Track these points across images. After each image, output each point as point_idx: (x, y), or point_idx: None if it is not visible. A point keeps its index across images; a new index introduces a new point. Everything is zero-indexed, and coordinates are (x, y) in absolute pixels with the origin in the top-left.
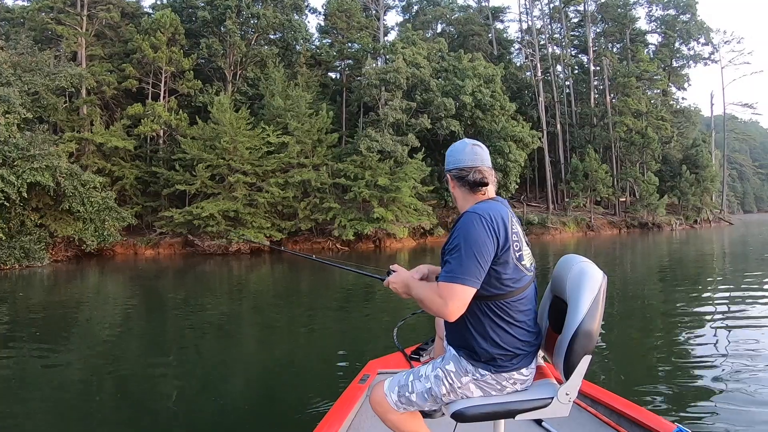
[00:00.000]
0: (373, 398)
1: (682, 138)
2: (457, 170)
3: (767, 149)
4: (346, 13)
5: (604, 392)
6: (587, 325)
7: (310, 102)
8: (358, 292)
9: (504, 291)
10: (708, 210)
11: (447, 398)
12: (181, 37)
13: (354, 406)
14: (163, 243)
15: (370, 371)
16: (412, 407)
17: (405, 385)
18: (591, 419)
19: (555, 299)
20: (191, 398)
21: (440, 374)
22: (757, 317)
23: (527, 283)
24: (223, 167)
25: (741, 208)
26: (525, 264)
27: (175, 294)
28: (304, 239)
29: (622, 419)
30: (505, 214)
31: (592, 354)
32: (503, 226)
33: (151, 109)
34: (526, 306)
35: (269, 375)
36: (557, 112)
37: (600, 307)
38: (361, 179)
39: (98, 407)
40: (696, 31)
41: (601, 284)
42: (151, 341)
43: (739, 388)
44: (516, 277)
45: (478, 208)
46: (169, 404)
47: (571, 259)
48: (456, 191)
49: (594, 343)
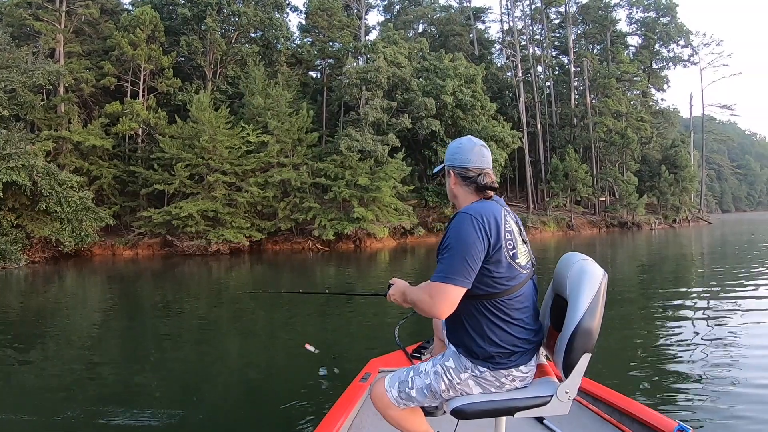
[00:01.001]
0: (374, 393)
1: (661, 139)
2: (462, 169)
3: (745, 150)
4: (328, 11)
5: (606, 390)
6: (587, 323)
7: (291, 101)
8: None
9: (498, 289)
10: (687, 209)
11: (446, 394)
12: (161, 35)
13: (355, 404)
14: (142, 244)
15: (371, 370)
16: (412, 403)
17: (405, 381)
18: (592, 417)
19: (556, 297)
20: (180, 401)
21: (439, 370)
22: (754, 312)
23: (523, 280)
24: (202, 167)
25: (719, 208)
26: (520, 262)
27: (159, 296)
28: (284, 239)
29: (624, 417)
30: (498, 213)
31: (592, 352)
32: (495, 225)
33: (129, 108)
34: (523, 303)
35: (257, 375)
36: (537, 113)
37: (600, 305)
38: (342, 179)
39: (76, 413)
40: (676, 33)
41: (602, 282)
42: (130, 345)
43: (741, 385)
44: (510, 275)
45: (471, 208)
46: (154, 407)
47: (572, 256)
48: (457, 189)
49: (594, 342)
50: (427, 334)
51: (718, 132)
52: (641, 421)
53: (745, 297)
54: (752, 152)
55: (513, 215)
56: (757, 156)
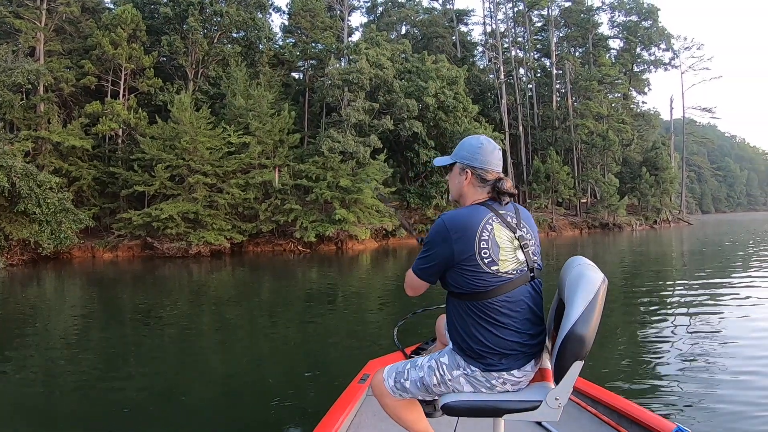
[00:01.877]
0: (373, 381)
1: (642, 141)
2: (482, 171)
3: (724, 152)
4: (311, 12)
5: (604, 391)
6: (579, 330)
7: (272, 102)
8: (320, 295)
9: (475, 290)
10: (667, 211)
11: (437, 389)
12: (142, 34)
13: (354, 405)
14: (122, 246)
15: (370, 371)
16: (406, 394)
17: (402, 371)
18: (591, 418)
19: (560, 302)
20: (164, 406)
21: (433, 365)
22: (751, 311)
23: (506, 285)
24: (182, 168)
25: (699, 209)
26: (500, 268)
27: (139, 300)
28: (265, 241)
29: (622, 419)
30: (476, 221)
31: (585, 360)
32: (465, 234)
33: (109, 108)
34: (511, 308)
35: (248, 378)
36: (519, 115)
37: (596, 312)
38: (323, 180)
39: (55, 418)
40: (657, 37)
41: (599, 288)
42: (109, 351)
43: (740, 386)
44: (487, 279)
45: (451, 215)
46: (138, 414)
47: (574, 261)
48: (468, 188)
49: (586, 349)
50: (426, 336)
51: (698, 134)
52: (639, 423)
53: (739, 297)
54: (732, 154)
55: (513, 219)
56: (737, 158)
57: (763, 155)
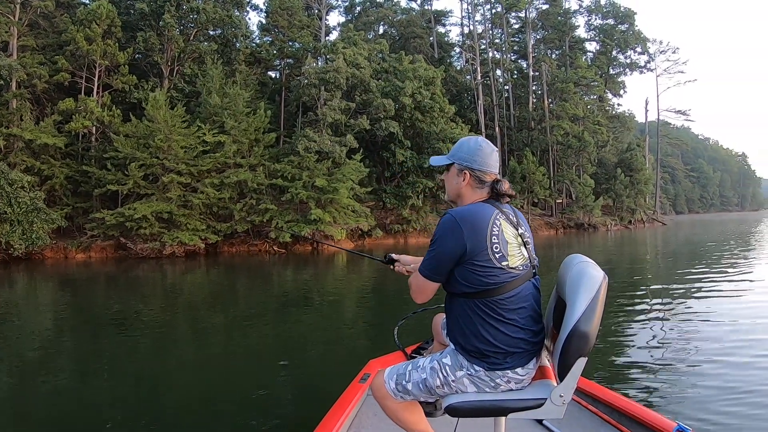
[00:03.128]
0: (373, 383)
1: (617, 142)
2: (481, 172)
3: (698, 154)
4: (288, 11)
5: (605, 390)
6: (583, 327)
7: (248, 100)
8: (296, 295)
9: (486, 288)
10: (642, 211)
11: (441, 390)
12: (118, 30)
13: (355, 405)
14: (95, 246)
15: (371, 370)
16: (408, 396)
17: (403, 374)
18: (592, 417)
19: (559, 300)
20: (143, 412)
21: (436, 367)
22: (748, 312)
23: (514, 281)
24: (156, 167)
25: (673, 209)
26: (509, 263)
27: (113, 302)
28: (240, 241)
29: (623, 417)
30: (487, 216)
31: (588, 356)
32: (478, 229)
33: (83, 105)
34: (518, 304)
35: (236, 378)
36: (496, 116)
37: (598, 309)
38: (299, 180)
39: (27, 423)
40: (633, 40)
41: (601, 285)
42: (83, 356)
43: (740, 385)
44: (498, 275)
45: (460, 211)
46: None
47: (573, 258)
48: (466, 189)
49: (590, 346)
50: (427, 335)
51: (672, 136)
52: (640, 422)
53: (735, 295)
54: (705, 156)
55: (513, 217)
56: (710, 160)
57: (735, 157)
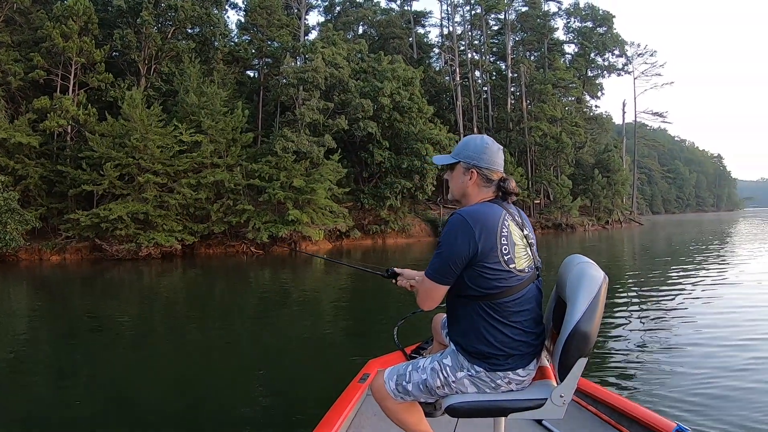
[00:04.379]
0: (373, 384)
1: (595, 143)
2: (488, 171)
3: (674, 155)
4: (267, 10)
5: (604, 391)
6: (583, 327)
7: (226, 100)
8: (275, 298)
9: (494, 291)
10: (619, 211)
11: (441, 391)
12: (94, 27)
13: (354, 405)
14: (70, 248)
15: (370, 370)
16: (408, 397)
17: (403, 374)
18: (591, 418)
19: (558, 300)
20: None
21: (437, 367)
22: (745, 310)
23: (522, 284)
24: (132, 166)
25: (650, 210)
26: (516, 266)
27: (88, 305)
28: (217, 243)
29: (623, 418)
30: (497, 217)
31: (588, 356)
32: (488, 230)
33: (58, 103)
34: (522, 307)
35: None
36: (474, 116)
37: (598, 309)
38: (276, 180)
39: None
40: (611, 43)
41: (601, 285)
42: (58, 362)
43: (739, 384)
44: (506, 278)
45: (469, 211)
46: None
47: (573, 259)
48: (473, 188)
49: (590, 346)
50: (426, 335)
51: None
52: (640, 422)
53: (731, 294)
54: (681, 157)
55: (519, 218)
56: (686, 161)
57: (711, 159)
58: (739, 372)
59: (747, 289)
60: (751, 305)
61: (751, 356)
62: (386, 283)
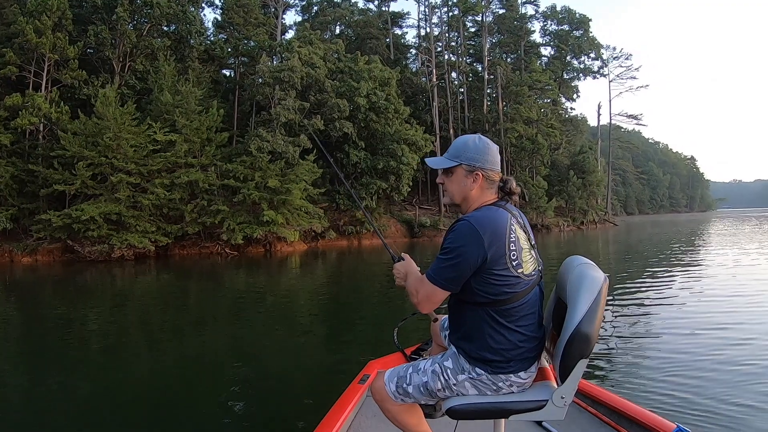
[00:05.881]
0: (373, 385)
1: (570, 145)
2: (492, 172)
3: (648, 157)
4: (244, 8)
5: (604, 392)
6: (585, 329)
7: (201, 99)
8: (250, 300)
9: (501, 297)
10: (594, 212)
11: (442, 394)
12: (69, 23)
13: (354, 406)
14: (42, 249)
15: (370, 371)
16: (408, 399)
17: (404, 376)
18: (591, 419)
19: (558, 301)
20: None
21: (437, 370)
22: (743, 309)
23: (527, 288)
24: (105, 166)
25: (624, 211)
26: (524, 271)
27: (60, 309)
28: (191, 244)
29: (622, 419)
30: (504, 221)
31: (588, 358)
32: (497, 235)
33: (30, 101)
34: (527, 311)
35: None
36: (450, 118)
37: (599, 310)
38: (251, 181)
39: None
40: (587, 46)
41: (602, 286)
42: (29, 367)
43: (739, 385)
44: (513, 283)
45: (476, 217)
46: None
47: (573, 260)
48: (476, 191)
49: (591, 347)
50: (427, 335)
51: (623, 140)
52: (640, 423)
53: (725, 292)
54: (655, 159)
55: (521, 220)
56: (660, 163)
57: (685, 161)
58: (739, 372)
59: (747, 288)
60: (751, 305)
61: (751, 356)
62: (362, 284)
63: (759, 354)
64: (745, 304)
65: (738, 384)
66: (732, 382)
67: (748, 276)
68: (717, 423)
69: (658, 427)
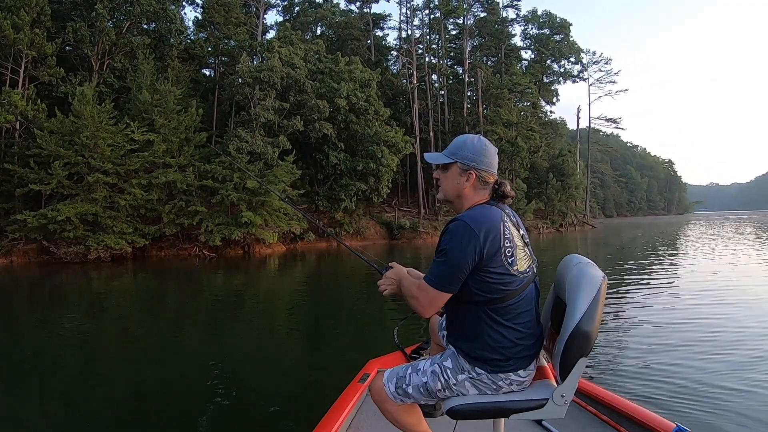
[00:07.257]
0: (372, 386)
1: (550, 148)
2: (486, 173)
3: (626, 160)
4: (225, 7)
5: (604, 391)
6: (584, 327)
7: (180, 98)
8: (228, 302)
9: (497, 296)
10: (572, 214)
11: (442, 394)
12: (47, 19)
13: (354, 405)
14: (17, 250)
15: (370, 370)
16: (408, 399)
17: (403, 377)
18: (591, 418)
19: (557, 300)
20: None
21: (437, 370)
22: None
23: (523, 286)
24: (82, 165)
25: (602, 213)
26: (519, 268)
27: (36, 311)
28: (169, 245)
29: (622, 418)
30: (497, 220)
31: (588, 356)
32: (492, 234)
33: (6, 98)
34: (523, 308)
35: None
36: (431, 120)
37: (599, 309)
38: (230, 181)
39: None
40: (567, 50)
41: (601, 285)
42: (6, 367)
43: (739, 384)
44: (509, 281)
45: (471, 216)
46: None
47: (572, 259)
48: (470, 191)
49: (591, 346)
50: (427, 335)
51: (602, 143)
52: (639, 422)
53: (722, 292)
54: (633, 162)
55: (514, 218)
56: (638, 166)
57: (662, 164)
58: (739, 372)
59: (745, 287)
60: (751, 303)
61: (751, 356)
62: (345, 285)
63: (759, 354)
64: (746, 305)
65: (738, 383)
66: (732, 381)
67: (748, 276)
68: (717, 422)
69: (658, 427)
